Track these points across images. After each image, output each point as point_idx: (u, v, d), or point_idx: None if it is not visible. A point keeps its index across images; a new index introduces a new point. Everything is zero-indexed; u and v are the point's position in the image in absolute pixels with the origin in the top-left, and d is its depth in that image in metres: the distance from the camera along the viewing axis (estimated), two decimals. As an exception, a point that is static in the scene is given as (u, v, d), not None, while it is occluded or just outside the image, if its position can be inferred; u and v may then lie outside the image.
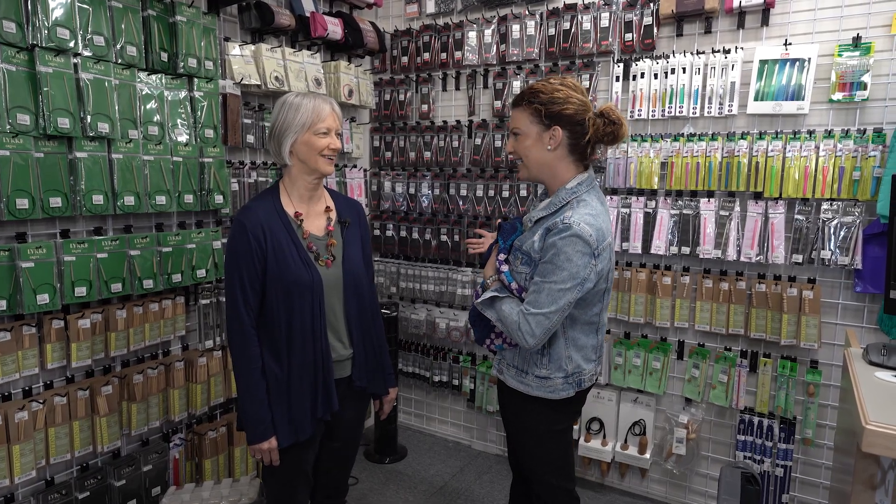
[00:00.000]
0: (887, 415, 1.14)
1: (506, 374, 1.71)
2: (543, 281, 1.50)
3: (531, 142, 1.58)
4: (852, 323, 2.31)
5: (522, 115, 1.59)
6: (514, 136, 1.63)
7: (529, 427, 1.71)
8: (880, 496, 1.19)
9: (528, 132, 1.58)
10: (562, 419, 1.71)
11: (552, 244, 1.49)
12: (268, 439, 1.62)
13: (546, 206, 1.59)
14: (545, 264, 1.51)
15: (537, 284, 1.51)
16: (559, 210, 1.56)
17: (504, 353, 1.72)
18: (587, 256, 1.48)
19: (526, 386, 1.65)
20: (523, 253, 1.59)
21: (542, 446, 1.71)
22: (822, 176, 2.26)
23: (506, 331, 1.58)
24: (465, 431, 3.36)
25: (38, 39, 1.81)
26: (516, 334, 1.53)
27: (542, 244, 1.53)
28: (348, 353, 1.75)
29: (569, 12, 2.72)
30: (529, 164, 1.61)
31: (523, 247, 1.59)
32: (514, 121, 1.62)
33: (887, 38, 2.16)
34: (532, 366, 1.64)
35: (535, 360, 1.63)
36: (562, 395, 1.63)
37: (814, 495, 2.44)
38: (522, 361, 1.66)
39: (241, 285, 1.60)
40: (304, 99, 1.66)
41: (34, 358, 1.91)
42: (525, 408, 1.69)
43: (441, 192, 3.18)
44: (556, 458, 1.72)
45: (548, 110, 1.54)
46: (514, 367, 1.68)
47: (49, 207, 1.87)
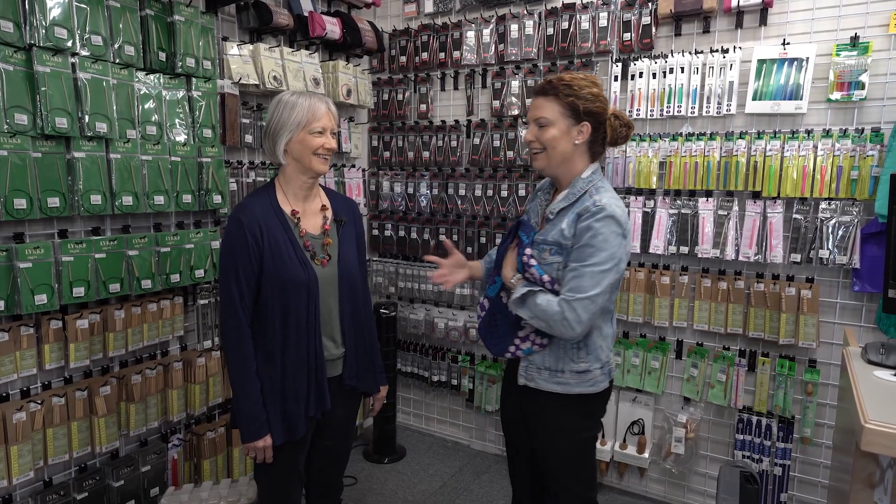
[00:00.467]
0: (886, 413, 1.14)
1: (537, 380, 1.64)
2: (583, 265, 1.49)
3: (559, 134, 1.57)
4: (850, 322, 2.31)
5: (552, 105, 1.57)
6: (537, 125, 1.60)
7: (566, 431, 1.66)
8: (879, 494, 1.19)
9: (558, 124, 1.57)
10: (595, 424, 1.72)
11: (587, 227, 1.50)
12: (262, 437, 1.62)
13: (565, 197, 1.59)
14: (582, 248, 1.50)
15: (577, 269, 1.50)
16: (581, 198, 1.57)
17: (532, 357, 1.64)
18: (620, 237, 1.51)
19: (564, 385, 1.61)
20: (550, 244, 1.57)
21: (575, 453, 1.68)
22: (821, 175, 2.26)
23: (543, 325, 1.52)
24: (463, 431, 3.36)
25: (36, 39, 1.80)
26: (560, 325, 1.49)
27: (574, 230, 1.53)
28: (340, 353, 1.75)
29: (567, 12, 2.73)
30: (553, 155, 1.59)
31: (548, 238, 1.57)
32: (541, 110, 1.58)
33: (885, 37, 2.17)
34: (568, 362, 1.60)
35: (572, 355, 1.60)
36: (600, 386, 1.63)
37: (812, 494, 2.44)
38: (556, 360, 1.61)
39: (237, 282, 1.59)
40: (299, 98, 1.65)
41: (32, 358, 1.91)
42: (562, 411, 1.64)
43: (440, 191, 3.18)
44: (587, 467, 1.71)
45: (584, 107, 1.56)
46: (545, 370, 1.62)
47: (47, 207, 1.87)
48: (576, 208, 1.55)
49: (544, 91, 1.59)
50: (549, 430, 1.67)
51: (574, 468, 1.69)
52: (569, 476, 1.69)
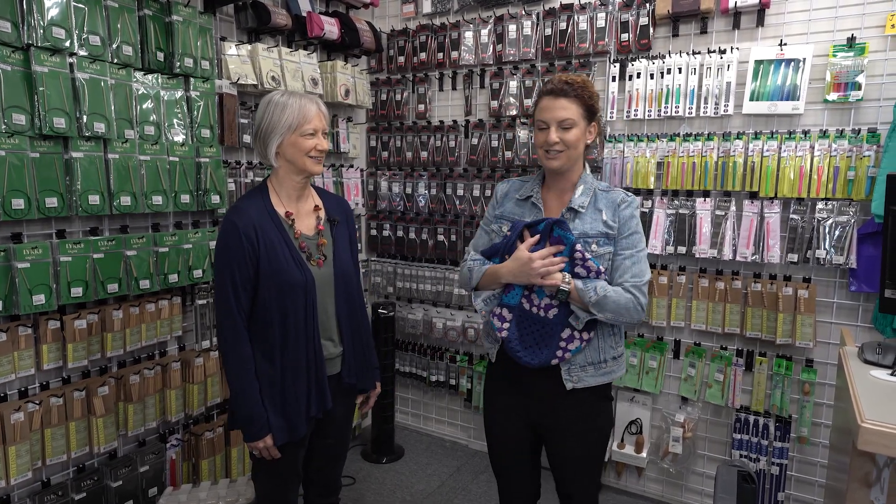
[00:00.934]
0: (883, 413, 1.14)
1: (585, 378, 1.62)
2: (637, 250, 1.60)
3: (581, 134, 1.61)
4: (847, 322, 2.32)
5: (574, 107, 1.58)
6: (561, 127, 1.57)
7: (605, 428, 1.72)
8: (875, 493, 1.20)
9: (579, 124, 1.60)
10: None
11: (631, 215, 1.62)
12: (262, 438, 1.62)
13: (584, 192, 1.64)
14: (633, 235, 1.61)
15: (633, 256, 1.59)
16: (595, 191, 1.65)
17: (576, 357, 1.60)
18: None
19: (608, 374, 1.66)
20: (594, 236, 1.60)
21: (603, 449, 1.73)
22: (817, 176, 2.27)
23: (618, 317, 1.54)
24: (462, 431, 3.37)
25: (34, 39, 1.80)
26: (635, 311, 1.55)
27: (616, 220, 1.61)
28: (338, 351, 1.76)
29: (565, 12, 2.73)
30: (573, 155, 1.61)
31: (589, 230, 1.60)
32: (566, 111, 1.57)
33: (881, 38, 2.18)
34: (608, 350, 1.65)
35: (611, 342, 1.65)
36: (625, 366, 1.73)
37: (809, 493, 2.45)
38: (597, 353, 1.63)
39: (234, 286, 1.58)
40: (289, 98, 1.63)
41: (30, 359, 1.90)
42: (600, 405, 1.69)
43: (438, 191, 3.18)
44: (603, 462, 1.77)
45: (595, 106, 1.63)
46: (590, 365, 1.62)
47: (45, 208, 1.86)
48: (602, 200, 1.63)
49: (564, 92, 1.58)
50: (592, 426, 1.68)
51: (599, 463, 1.74)
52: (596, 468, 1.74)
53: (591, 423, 1.67)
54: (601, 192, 1.65)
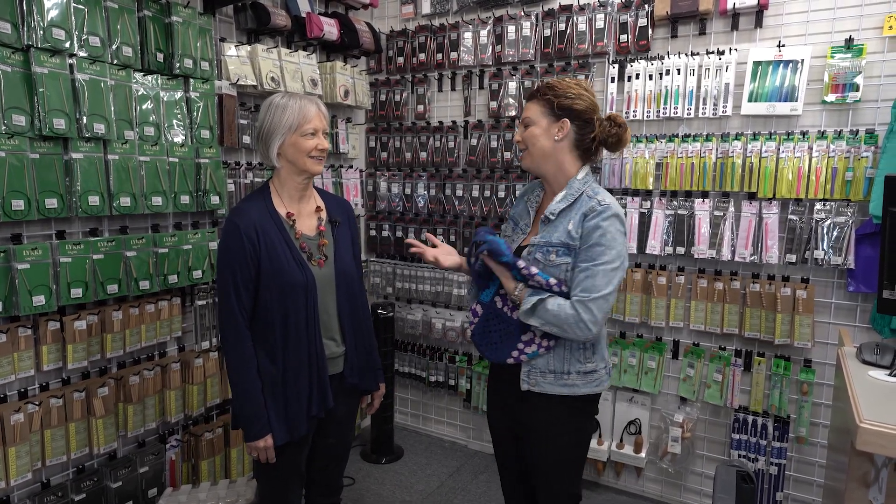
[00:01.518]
0: (881, 413, 1.15)
1: (542, 384, 1.61)
2: (595, 264, 1.51)
3: (540, 131, 1.62)
4: (845, 322, 2.33)
5: (535, 106, 1.64)
6: (523, 126, 1.66)
7: (569, 434, 1.66)
8: (874, 493, 1.20)
9: (539, 122, 1.62)
10: (592, 422, 1.73)
11: (595, 226, 1.52)
12: (263, 437, 1.62)
13: (563, 198, 1.61)
14: (592, 248, 1.52)
15: (588, 269, 1.51)
16: (579, 198, 1.59)
17: (535, 361, 1.62)
18: (623, 236, 1.56)
19: (571, 387, 1.60)
20: (556, 245, 1.57)
21: (574, 455, 1.70)
22: (816, 176, 2.28)
23: (557, 330, 1.52)
24: (461, 431, 3.37)
25: (34, 40, 1.80)
26: (577, 327, 1.49)
27: (580, 230, 1.55)
28: (340, 351, 1.76)
29: (564, 13, 2.74)
30: (534, 152, 1.64)
31: (553, 240, 1.58)
32: (526, 111, 1.66)
33: (879, 39, 2.18)
34: (574, 363, 1.60)
35: (579, 356, 1.60)
36: (605, 385, 1.66)
37: (807, 493, 2.46)
38: (561, 363, 1.60)
39: (235, 286, 1.60)
40: (289, 100, 1.66)
41: (30, 360, 1.90)
42: (566, 414, 1.64)
43: (437, 192, 3.19)
44: (579, 468, 1.74)
45: (559, 103, 1.60)
46: (550, 373, 1.61)
47: (45, 208, 1.86)
48: (578, 208, 1.58)
49: (531, 95, 1.67)
50: (552, 434, 1.66)
51: (572, 468, 1.71)
52: (565, 477, 1.70)
53: (549, 431, 1.66)
54: (586, 199, 1.58)
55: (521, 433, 1.73)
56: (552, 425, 1.65)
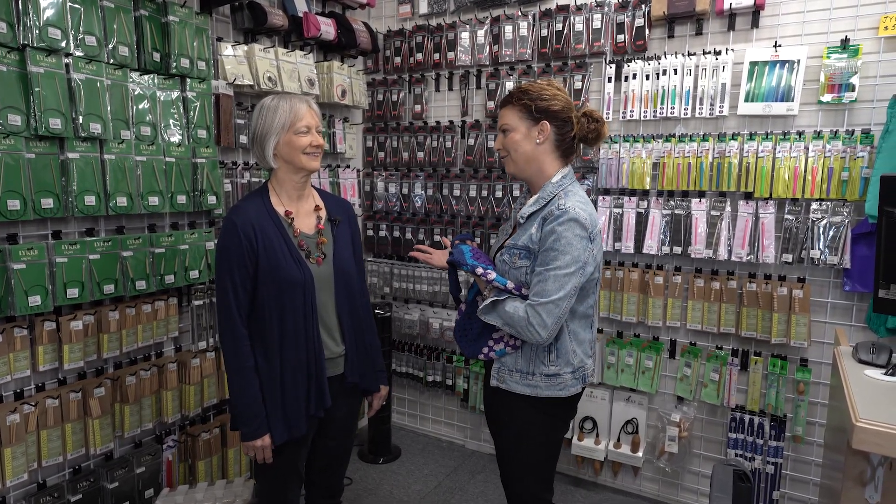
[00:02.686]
0: (877, 412, 1.15)
1: (508, 381, 1.65)
2: (547, 269, 1.51)
3: (520, 136, 1.63)
4: (841, 321, 2.34)
5: (511, 112, 1.65)
6: (502, 133, 1.68)
7: (532, 434, 1.67)
8: (870, 492, 1.21)
9: (518, 127, 1.63)
10: (562, 426, 1.72)
11: (550, 231, 1.52)
12: (262, 436, 1.62)
13: (535, 201, 1.63)
14: (546, 252, 1.52)
15: (541, 274, 1.52)
16: (550, 202, 1.60)
17: (504, 359, 1.66)
18: (585, 240, 1.53)
19: (534, 388, 1.62)
20: (519, 248, 1.60)
21: (538, 455, 1.70)
22: (812, 176, 2.28)
23: (513, 331, 1.55)
24: (458, 431, 3.37)
25: (30, 39, 1.80)
26: (527, 330, 1.51)
27: (540, 234, 1.56)
28: (340, 351, 1.76)
29: (561, 13, 2.74)
30: (517, 158, 1.65)
31: (518, 242, 1.61)
32: (503, 118, 1.67)
33: (875, 40, 2.19)
34: (539, 365, 1.62)
35: (542, 357, 1.61)
36: (571, 391, 1.64)
37: (804, 492, 2.47)
38: (527, 363, 1.63)
39: (233, 284, 1.60)
40: (280, 101, 1.67)
41: (26, 360, 1.90)
42: (529, 413, 1.65)
43: (434, 192, 3.19)
44: (547, 469, 1.73)
45: (537, 106, 1.61)
46: (517, 372, 1.64)
47: (41, 208, 1.86)
48: (543, 213, 1.59)
49: (505, 101, 1.68)
50: (515, 431, 1.69)
51: (536, 469, 1.72)
52: (530, 477, 1.72)
53: (514, 429, 1.69)
54: (553, 203, 1.59)
55: (492, 430, 1.79)
56: (516, 423, 1.68)
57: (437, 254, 1.87)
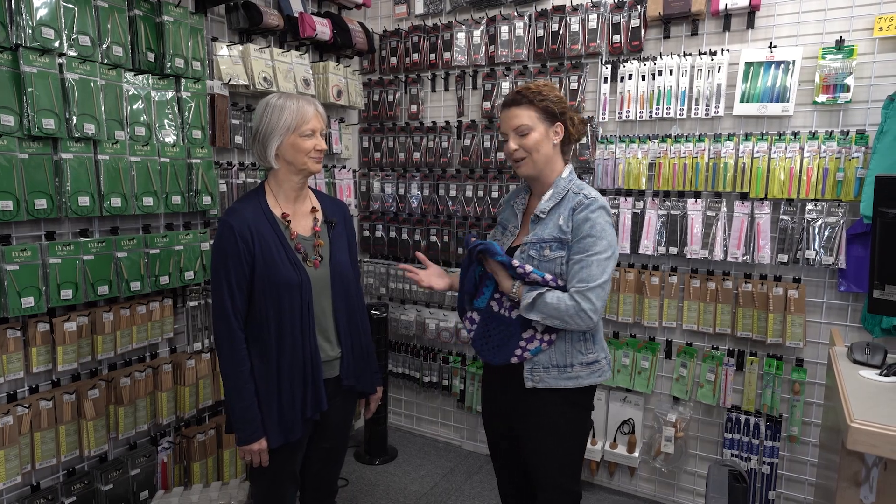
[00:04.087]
0: (871, 413, 1.16)
1: (546, 379, 1.63)
2: (588, 255, 1.55)
3: (541, 137, 1.65)
4: (836, 322, 2.34)
5: (529, 112, 1.64)
6: (518, 134, 1.65)
7: (572, 427, 1.69)
8: (864, 492, 1.21)
9: (537, 128, 1.64)
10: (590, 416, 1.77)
11: (585, 219, 1.57)
12: (258, 440, 1.61)
13: (551, 197, 1.66)
14: (584, 239, 1.57)
15: (583, 260, 1.55)
16: (566, 195, 1.65)
17: (538, 357, 1.64)
18: (611, 226, 1.61)
19: (574, 379, 1.63)
20: (549, 241, 1.61)
21: (575, 449, 1.72)
22: (807, 177, 2.29)
23: (559, 322, 1.54)
24: (455, 432, 3.37)
25: (23, 39, 1.78)
26: (576, 317, 1.52)
27: (570, 223, 1.60)
28: (336, 353, 1.75)
29: (557, 14, 2.74)
30: (538, 158, 1.66)
31: (545, 235, 1.62)
32: (519, 119, 1.65)
33: (869, 41, 2.20)
34: (576, 355, 1.64)
35: (579, 347, 1.64)
36: (606, 375, 1.70)
37: (799, 492, 2.47)
38: (563, 356, 1.63)
39: (229, 287, 1.59)
40: (287, 100, 1.65)
41: (19, 362, 1.88)
42: (568, 408, 1.66)
43: (430, 192, 3.18)
44: (581, 464, 1.76)
45: (556, 108, 1.65)
46: (553, 368, 1.63)
47: (34, 209, 1.85)
48: (567, 204, 1.63)
49: (516, 101, 1.66)
50: (556, 428, 1.68)
51: (575, 463, 1.73)
52: (569, 470, 1.72)
53: (553, 426, 1.67)
54: (573, 195, 1.64)
55: (524, 431, 1.73)
56: (558, 420, 1.67)
57: (431, 273, 1.85)
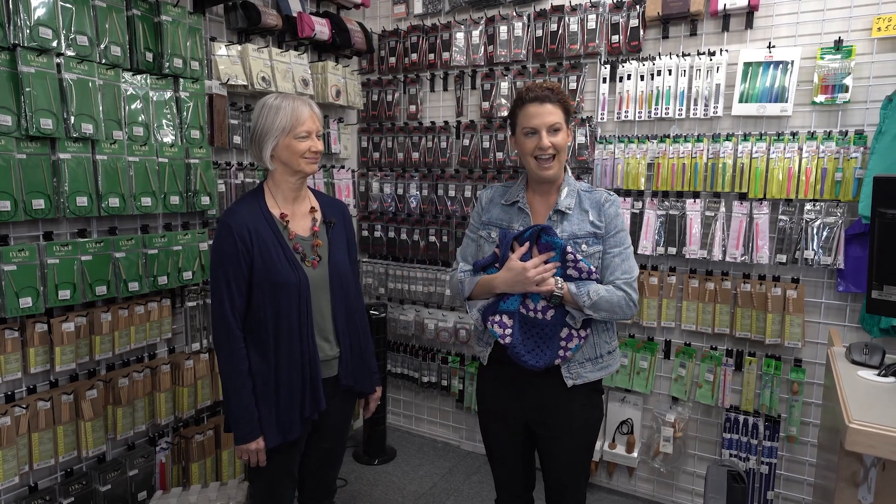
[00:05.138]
0: (869, 413, 1.16)
1: (584, 374, 1.66)
2: (624, 248, 1.66)
3: (567, 137, 1.68)
4: (835, 322, 2.34)
5: (558, 111, 1.65)
6: (552, 131, 1.62)
7: (598, 419, 1.76)
8: (863, 493, 1.21)
9: (564, 128, 1.66)
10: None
11: (616, 213, 1.67)
12: (255, 439, 1.61)
13: (569, 193, 1.69)
14: (619, 233, 1.66)
15: (622, 253, 1.64)
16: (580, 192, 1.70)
17: (576, 354, 1.64)
18: None
19: (605, 369, 1.70)
20: (583, 237, 1.64)
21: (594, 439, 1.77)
22: (805, 177, 2.29)
23: (610, 314, 1.59)
24: (453, 432, 3.37)
25: (20, 39, 1.78)
26: (626, 307, 1.60)
27: (603, 218, 1.66)
28: (335, 353, 1.75)
29: (556, 14, 2.74)
30: (562, 158, 1.68)
31: (579, 232, 1.64)
32: (553, 116, 1.62)
33: (868, 41, 2.20)
34: (603, 345, 1.69)
35: (605, 337, 1.70)
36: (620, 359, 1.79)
37: (798, 492, 2.47)
38: (593, 348, 1.67)
39: (228, 287, 1.59)
40: (283, 101, 1.65)
41: (17, 362, 1.88)
42: (596, 399, 1.74)
43: (429, 192, 3.18)
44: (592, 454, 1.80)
45: (572, 110, 1.72)
46: (588, 361, 1.67)
47: (32, 209, 1.84)
48: (588, 200, 1.68)
49: (549, 98, 1.63)
50: (585, 421, 1.71)
51: (591, 453, 1.78)
52: (587, 462, 1.77)
53: (587, 418, 1.72)
54: (584, 193, 1.70)
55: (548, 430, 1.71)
56: (589, 411, 1.72)
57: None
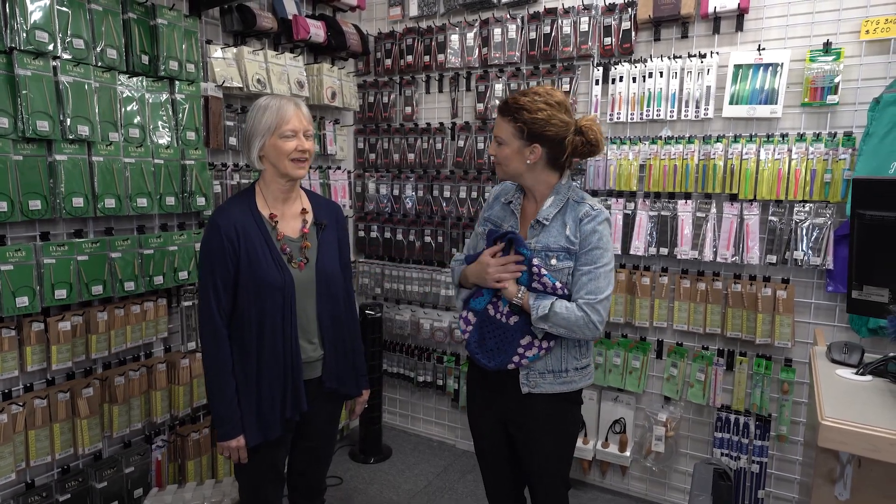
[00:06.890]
0: (843, 410, 1.17)
1: (541, 385, 1.65)
2: (597, 266, 1.58)
3: (511, 153, 1.62)
4: (824, 322, 2.36)
5: (507, 126, 1.62)
6: (496, 142, 1.66)
7: (567, 429, 1.74)
8: (839, 489, 1.23)
9: (510, 143, 1.62)
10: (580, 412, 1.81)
11: (593, 230, 1.59)
12: (235, 437, 1.63)
13: (553, 203, 1.65)
14: (592, 251, 1.59)
15: (591, 272, 1.58)
16: (567, 202, 1.65)
17: (535, 364, 1.64)
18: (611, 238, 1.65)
19: (569, 384, 1.67)
20: (556, 250, 1.60)
21: (569, 448, 1.77)
22: (795, 178, 2.31)
23: (566, 332, 1.56)
24: (449, 431, 3.39)
25: (17, 42, 1.81)
26: (586, 328, 1.55)
27: (579, 234, 1.60)
28: (318, 355, 1.75)
29: (549, 16, 2.76)
30: (507, 170, 1.67)
31: (552, 244, 1.61)
32: (498, 128, 1.64)
33: (856, 44, 2.21)
34: (571, 361, 1.67)
35: (574, 353, 1.67)
36: (592, 377, 1.74)
37: (788, 490, 2.49)
38: (558, 362, 1.65)
39: (214, 285, 1.61)
40: (270, 101, 1.66)
41: (13, 361, 1.91)
42: (563, 411, 1.70)
43: (425, 193, 3.21)
44: (572, 455, 1.80)
45: (530, 130, 1.58)
46: (549, 373, 1.65)
47: (28, 210, 1.87)
48: (571, 213, 1.63)
49: (502, 111, 1.64)
50: (553, 430, 1.70)
51: (567, 462, 1.78)
52: (562, 467, 1.76)
53: (549, 427, 1.70)
54: (574, 204, 1.64)
55: (518, 433, 1.74)
56: (553, 422, 1.69)
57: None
